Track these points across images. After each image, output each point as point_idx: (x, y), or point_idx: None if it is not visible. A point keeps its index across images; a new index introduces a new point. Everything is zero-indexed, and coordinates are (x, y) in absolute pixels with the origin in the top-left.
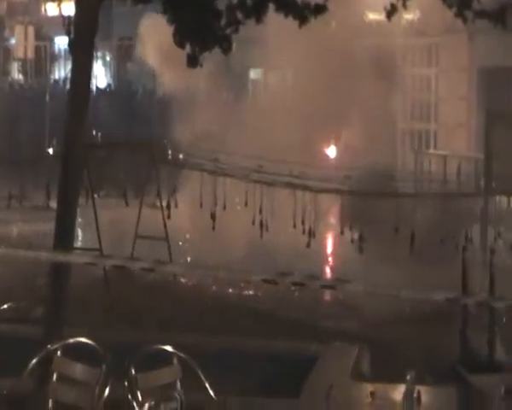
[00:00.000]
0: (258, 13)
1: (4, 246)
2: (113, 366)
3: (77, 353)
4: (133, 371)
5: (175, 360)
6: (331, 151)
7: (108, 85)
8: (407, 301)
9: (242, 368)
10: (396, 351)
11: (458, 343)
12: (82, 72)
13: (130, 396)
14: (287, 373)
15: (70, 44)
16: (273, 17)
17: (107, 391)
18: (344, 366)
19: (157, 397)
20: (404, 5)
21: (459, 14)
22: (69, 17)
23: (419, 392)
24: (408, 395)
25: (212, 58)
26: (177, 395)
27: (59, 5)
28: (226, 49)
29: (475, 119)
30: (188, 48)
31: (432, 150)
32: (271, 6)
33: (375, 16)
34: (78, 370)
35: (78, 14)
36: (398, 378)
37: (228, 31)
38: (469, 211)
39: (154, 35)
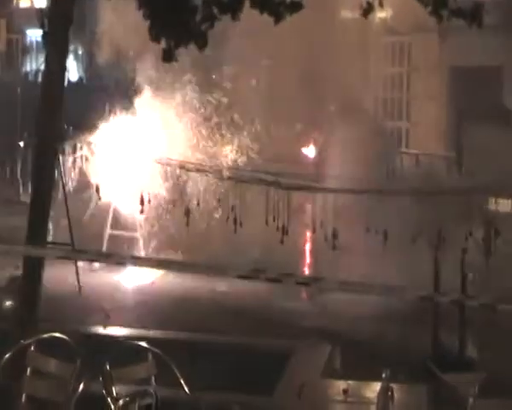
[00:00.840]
0: (233, 9)
1: None
2: (87, 362)
3: (51, 347)
4: (108, 367)
5: (150, 356)
6: (309, 151)
7: (80, 79)
8: (379, 299)
9: (216, 364)
10: (367, 348)
11: (430, 341)
12: (56, 65)
13: (104, 392)
14: (260, 370)
15: (44, 37)
16: (248, 13)
17: (81, 386)
18: (316, 364)
19: (132, 393)
20: (381, 3)
21: (434, 13)
22: (43, 10)
23: (392, 390)
24: (383, 392)
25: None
26: (151, 390)
27: None
28: (201, 45)
29: (447, 117)
30: (163, 42)
31: (404, 149)
32: (247, 2)
33: (347, 14)
34: (53, 365)
35: (52, 6)
36: (370, 376)
37: (203, 26)
38: (441, 209)
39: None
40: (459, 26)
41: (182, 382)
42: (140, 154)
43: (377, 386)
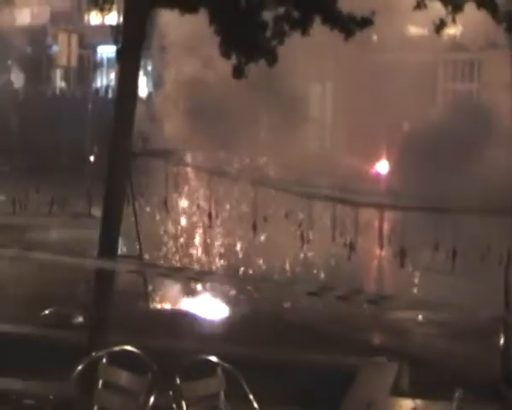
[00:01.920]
0: (304, 25)
1: (45, 251)
2: (158, 375)
3: (122, 360)
4: (178, 381)
5: (219, 371)
6: (381, 167)
7: (149, 94)
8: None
9: (282, 381)
10: (436, 368)
11: (500, 361)
12: (129, 81)
13: (174, 406)
14: (326, 387)
15: (118, 53)
16: (315, 30)
17: (152, 400)
18: (384, 382)
19: (201, 407)
20: (454, 19)
21: (509, 29)
22: (117, 26)
23: None
24: None
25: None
26: (221, 405)
27: (104, 15)
28: (271, 61)
29: None
30: (233, 58)
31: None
32: (317, 18)
33: (417, 30)
34: (124, 377)
35: (126, 23)
36: (438, 395)
37: (273, 43)
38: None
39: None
40: None
41: (251, 397)
42: (208, 166)
43: (445, 406)
